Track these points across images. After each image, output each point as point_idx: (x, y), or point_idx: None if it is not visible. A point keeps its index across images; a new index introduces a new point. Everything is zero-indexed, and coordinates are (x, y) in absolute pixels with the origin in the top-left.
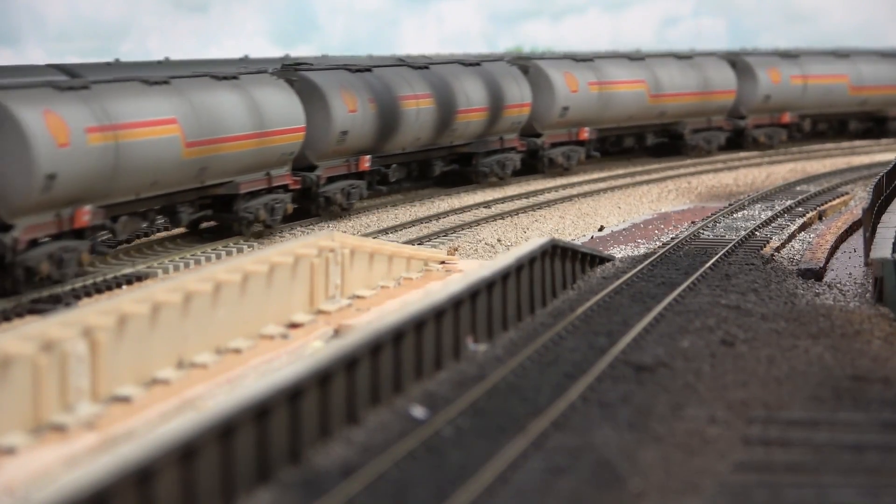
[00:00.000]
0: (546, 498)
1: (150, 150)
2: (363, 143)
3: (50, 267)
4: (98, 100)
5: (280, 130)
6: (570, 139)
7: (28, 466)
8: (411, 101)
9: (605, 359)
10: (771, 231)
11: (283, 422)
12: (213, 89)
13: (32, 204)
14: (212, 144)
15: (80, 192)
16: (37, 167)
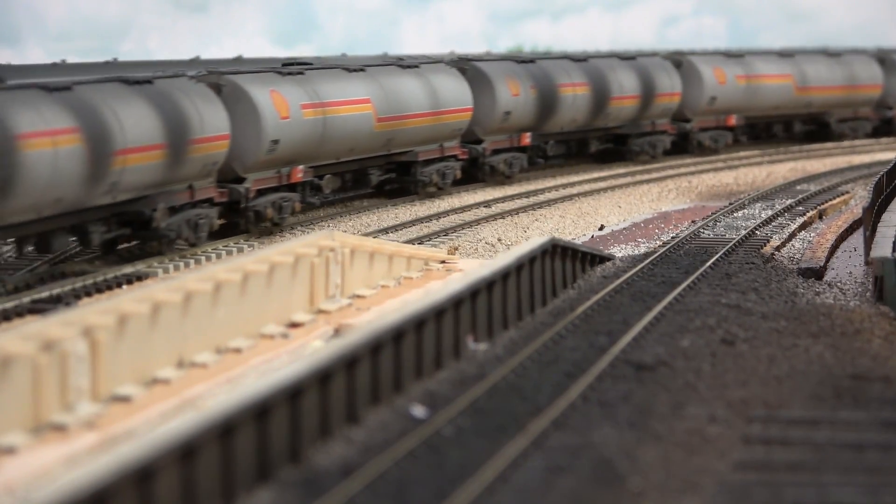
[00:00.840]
0: (546, 497)
1: (349, 123)
2: (524, 123)
3: (273, 212)
4: (310, 83)
5: (452, 110)
6: (717, 125)
7: (28, 466)
8: (568, 88)
9: (606, 358)
10: (771, 230)
11: (283, 421)
12: (398, 76)
13: (260, 163)
14: (397, 120)
15: (296, 155)
16: (265, 134)
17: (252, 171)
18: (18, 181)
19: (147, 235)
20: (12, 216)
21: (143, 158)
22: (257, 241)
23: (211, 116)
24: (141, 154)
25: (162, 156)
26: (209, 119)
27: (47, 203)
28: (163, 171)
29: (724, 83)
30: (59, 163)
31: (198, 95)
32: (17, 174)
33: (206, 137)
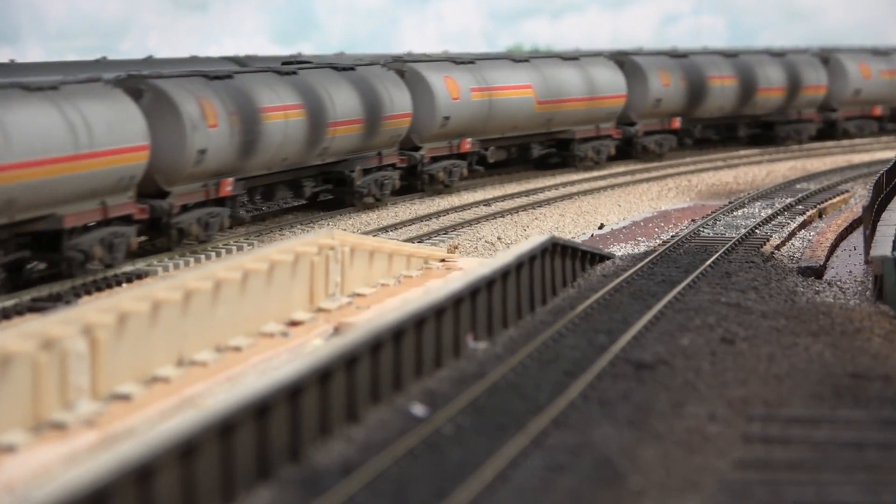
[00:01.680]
0: (546, 496)
1: (512, 104)
2: (675, 109)
3: (444, 175)
4: (480, 71)
5: (607, 96)
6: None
7: (28, 464)
8: (717, 80)
9: (606, 357)
10: (771, 229)
11: (283, 420)
12: (558, 66)
13: (434, 135)
14: (555, 103)
15: (465, 129)
16: (438, 112)
17: (427, 142)
18: (260, 143)
19: (344, 191)
20: (253, 170)
21: (347, 130)
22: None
23: (398, 97)
24: (346, 126)
25: (361, 128)
26: (397, 99)
27: (277, 161)
28: (361, 140)
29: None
30: (289, 130)
31: (389, 80)
32: (260, 138)
33: (394, 115)
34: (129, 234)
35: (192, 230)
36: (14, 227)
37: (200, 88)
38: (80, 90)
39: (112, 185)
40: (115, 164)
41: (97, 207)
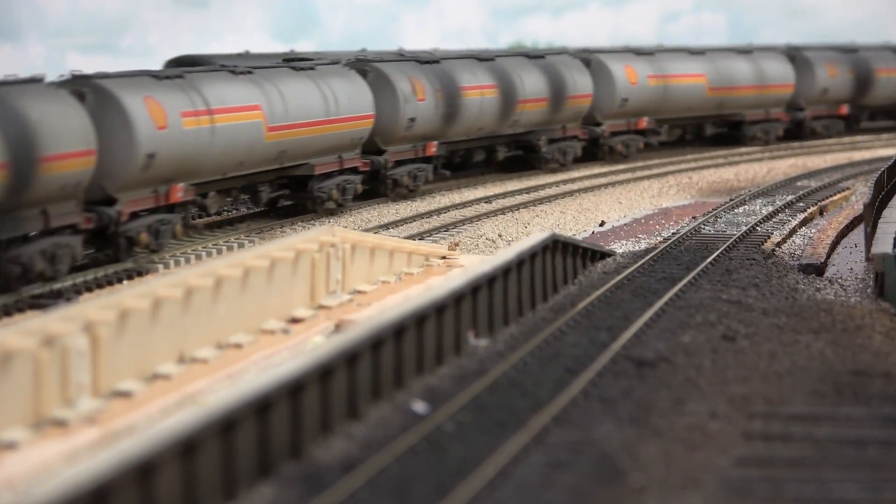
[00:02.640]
0: (547, 493)
1: (683, 90)
2: (842, 96)
3: (622, 147)
4: (657, 61)
5: (776, 85)
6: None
7: (29, 461)
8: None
9: (606, 354)
10: (772, 226)
11: (284, 417)
12: (731, 59)
13: (614, 113)
14: (726, 90)
15: (643, 111)
16: (617, 95)
17: (608, 119)
18: (460, 115)
19: (532, 157)
20: (453, 136)
21: (534, 106)
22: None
23: (581, 81)
24: (534, 104)
25: (546, 105)
26: (580, 83)
27: (474, 130)
28: (546, 115)
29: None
30: (484, 105)
31: (574, 67)
32: (459, 111)
33: (576, 95)
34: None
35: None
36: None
37: (412, 70)
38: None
39: (348, 144)
40: (351, 127)
41: (336, 160)
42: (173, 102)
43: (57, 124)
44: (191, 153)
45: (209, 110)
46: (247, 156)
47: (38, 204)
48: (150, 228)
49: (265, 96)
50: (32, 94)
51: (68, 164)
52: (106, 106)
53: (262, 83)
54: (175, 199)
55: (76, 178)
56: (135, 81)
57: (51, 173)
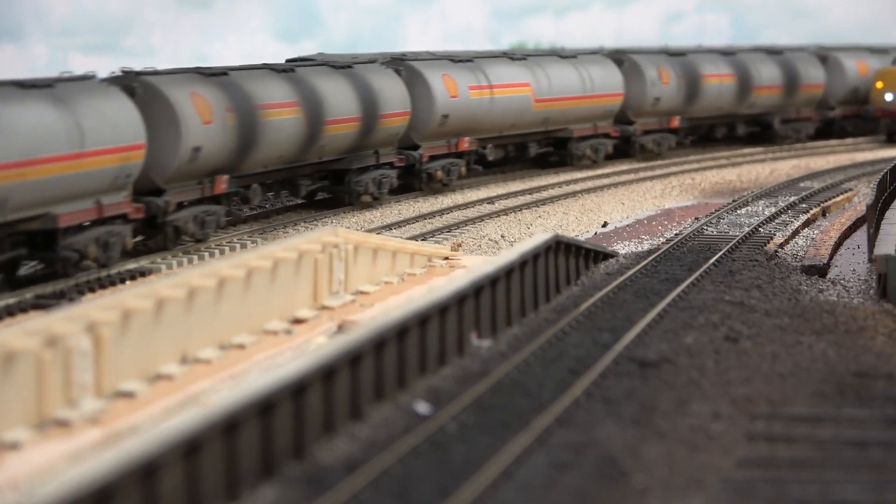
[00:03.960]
0: (550, 494)
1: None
2: None
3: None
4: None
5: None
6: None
7: (32, 461)
8: None
9: (609, 355)
10: (775, 227)
11: (286, 417)
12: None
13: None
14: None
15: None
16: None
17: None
18: (699, 96)
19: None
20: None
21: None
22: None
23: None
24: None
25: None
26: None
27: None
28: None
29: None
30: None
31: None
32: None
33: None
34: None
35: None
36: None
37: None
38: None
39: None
40: (602, 103)
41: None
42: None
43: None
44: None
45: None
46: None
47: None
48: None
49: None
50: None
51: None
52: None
53: None
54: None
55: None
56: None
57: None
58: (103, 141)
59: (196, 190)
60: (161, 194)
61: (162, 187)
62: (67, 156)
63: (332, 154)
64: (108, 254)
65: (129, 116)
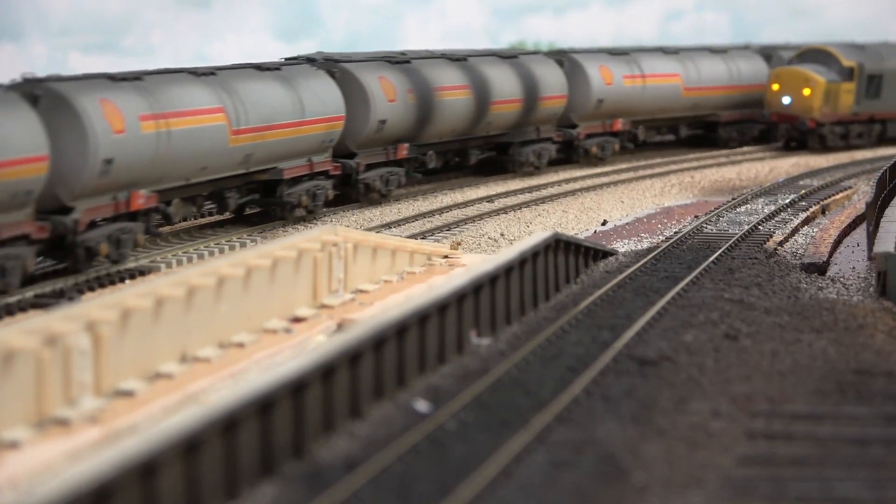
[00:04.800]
0: (550, 492)
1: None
2: None
3: None
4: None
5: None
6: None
7: (31, 460)
8: None
9: (609, 353)
10: (774, 225)
11: (286, 416)
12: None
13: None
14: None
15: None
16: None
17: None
18: None
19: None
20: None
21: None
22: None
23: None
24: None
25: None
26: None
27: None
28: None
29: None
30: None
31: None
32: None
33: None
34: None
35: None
36: None
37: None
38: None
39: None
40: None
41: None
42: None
43: None
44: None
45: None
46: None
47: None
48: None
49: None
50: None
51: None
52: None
53: None
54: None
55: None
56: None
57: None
58: (316, 112)
59: (382, 154)
60: (353, 157)
61: (354, 151)
62: (292, 123)
63: (497, 129)
64: (315, 203)
65: (334, 94)
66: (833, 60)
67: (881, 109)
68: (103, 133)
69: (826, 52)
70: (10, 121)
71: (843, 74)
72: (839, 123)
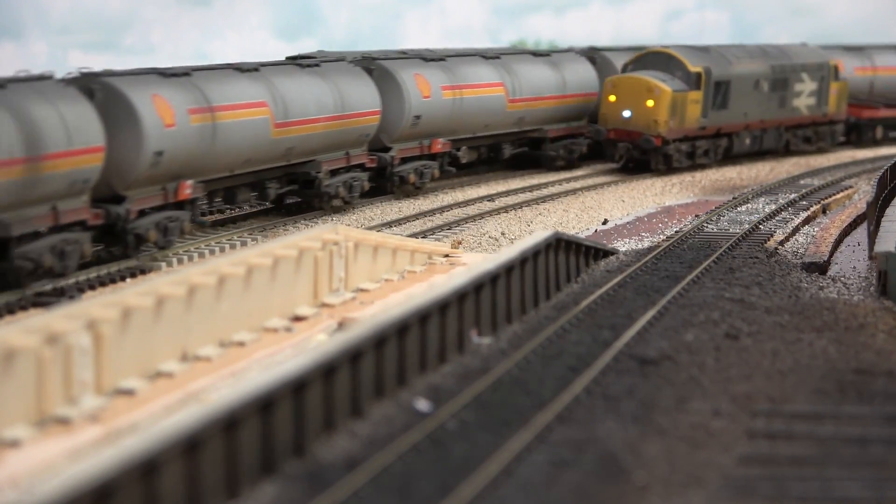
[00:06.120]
0: (550, 491)
1: None
2: None
3: None
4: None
5: None
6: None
7: (32, 459)
8: None
9: (610, 352)
10: (775, 225)
11: (287, 415)
12: None
13: None
14: None
15: None
16: None
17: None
18: None
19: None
20: None
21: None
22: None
23: None
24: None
25: None
26: None
27: None
28: None
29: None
30: None
31: None
32: None
33: None
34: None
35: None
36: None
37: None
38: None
39: None
40: None
41: None
42: None
43: None
44: None
45: None
46: None
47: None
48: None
49: None
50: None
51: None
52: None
53: None
54: None
55: None
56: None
57: None
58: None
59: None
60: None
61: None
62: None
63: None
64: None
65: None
66: (677, 65)
67: (728, 121)
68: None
69: (668, 55)
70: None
71: (690, 82)
72: (685, 140)
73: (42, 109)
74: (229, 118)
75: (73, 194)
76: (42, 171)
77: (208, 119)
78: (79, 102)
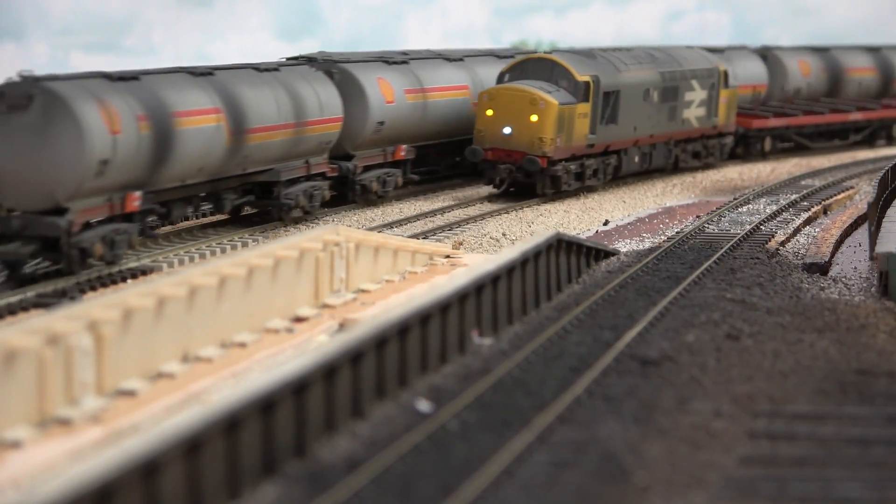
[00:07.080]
0: (551, 492)
1: None
2: None
3: None
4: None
5: None
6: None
7: (33, 460)
8: None
9: (611, 353)
10: (776, 225)
11: (288, 415)
12: None
13: None
14: None
15: None
16: None
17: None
18: None
19: None
20: None
21: None
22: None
23: None
24: None
25: None
26: None
27: None
28: None
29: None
30: None
31: None
32: None
33: None
34: None
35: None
36: None
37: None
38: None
39: None
40: None
41: None
42: None
43: None
44: None
45: None
46: None
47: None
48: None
49: None
50: None
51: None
52: None
53: None
54: None
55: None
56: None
57: None
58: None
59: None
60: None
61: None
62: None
63: None
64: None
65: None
66: (562, 74)
67: (618, 137)
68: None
69: (552, 62)
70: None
71: (578, 93)
72: (573, 159)
73: (304, 88)
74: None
75: (320, 152)
76: (304, 133)
77: (419, 98)
78: (326, 83)
